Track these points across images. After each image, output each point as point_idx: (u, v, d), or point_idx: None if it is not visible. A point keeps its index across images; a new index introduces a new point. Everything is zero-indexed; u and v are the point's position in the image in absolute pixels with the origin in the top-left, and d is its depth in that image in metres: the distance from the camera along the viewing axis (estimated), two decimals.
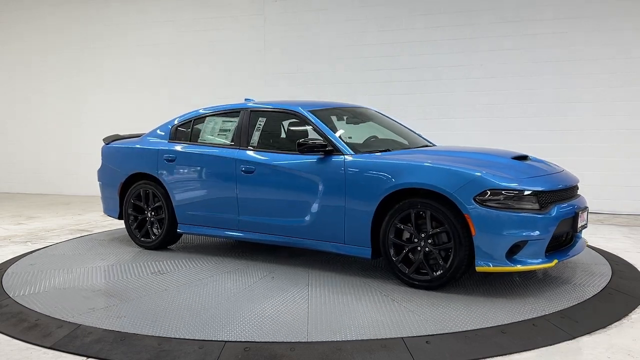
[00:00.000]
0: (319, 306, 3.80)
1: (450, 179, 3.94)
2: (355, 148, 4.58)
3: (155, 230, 5.54)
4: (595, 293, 3.99)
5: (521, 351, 3.09)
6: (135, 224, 5.62)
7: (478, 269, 3.88)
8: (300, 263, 4.96)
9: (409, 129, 5.63)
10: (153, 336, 3.32)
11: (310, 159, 4.57)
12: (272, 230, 4.81)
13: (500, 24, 8.00)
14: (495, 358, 3.03)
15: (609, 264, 4.81)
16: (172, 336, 3.31)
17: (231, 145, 5.12)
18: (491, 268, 3.85)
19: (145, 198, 5.54)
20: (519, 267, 3.86)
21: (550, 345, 3.17)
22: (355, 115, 5.44)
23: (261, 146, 4.98)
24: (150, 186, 5.48)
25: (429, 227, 4.02)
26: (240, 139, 5.07)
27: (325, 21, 8.88)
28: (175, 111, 6.03)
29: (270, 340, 3.23)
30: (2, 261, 5.29)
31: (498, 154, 4.71)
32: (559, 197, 4.12)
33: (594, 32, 7.62)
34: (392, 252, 4.19)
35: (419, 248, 4.09)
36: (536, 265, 3.89)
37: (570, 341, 3.23)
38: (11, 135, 11.02)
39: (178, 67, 9.80)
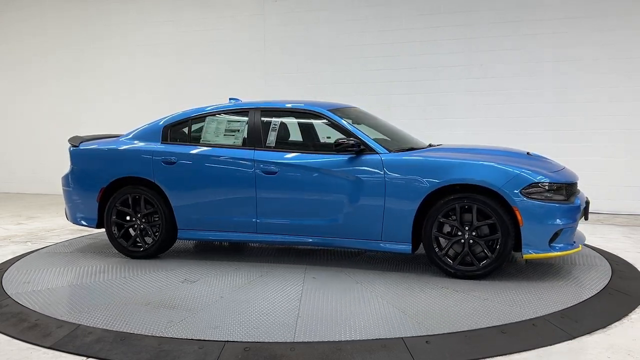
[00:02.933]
0: (396, 300, 3.80)
1: (498, 175, 4.23)
2: (387, 147, 4.62)
3: (146, 238, 5.19)
4: (595, 293, 4.00)
5: (521, 351, 3.10)
6: (121, 232, 5.22)
7: (525, 256, 4.21)
8: (327, 261, 4.97)
9: (396, 128, 5.62)
10: (153, 336, 3.32)
11: (341, 158, 4.60)
12: (296, 231, 4.75)
13: (500, 24, 8.00)
14: (495, 358, 3.03)
15: (609, 264, 4.81)
16: (172, 336, 3.31)
17: (243, 146, 4.96)
18: (537, 255, 4.20)
19: (134, 204, 5.17)
20: (558, 253, 4.23)
21: (550, 345, 3.17)
22: (351, 115, 5.42)
23: (279, 146, 4.89)
24: (141, 191, 5.12)
25: (474, 220, 4.24)
26: (254, 139, 4.94)
27: (325, 21, 8.87)
28: (175, 111, 5.99)
29: (270, 341, 3.23)
30: (2, 261, 5.29)
31: (513, 151, 5.02)
32: (574, 189, 4.50)
33: (594, 32, 7.61)
34: (435, 246, 4.36)
35: (462, 240, 4.30)
36: (570, 250, 4.27)
37: (570, 341, 3.23)
38: (11, 135, 11.02)
39: (178, 67, 9.79)
